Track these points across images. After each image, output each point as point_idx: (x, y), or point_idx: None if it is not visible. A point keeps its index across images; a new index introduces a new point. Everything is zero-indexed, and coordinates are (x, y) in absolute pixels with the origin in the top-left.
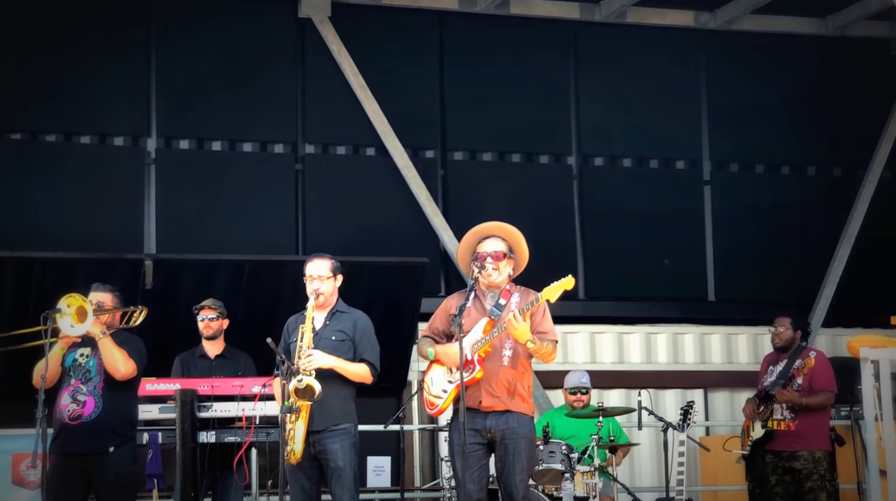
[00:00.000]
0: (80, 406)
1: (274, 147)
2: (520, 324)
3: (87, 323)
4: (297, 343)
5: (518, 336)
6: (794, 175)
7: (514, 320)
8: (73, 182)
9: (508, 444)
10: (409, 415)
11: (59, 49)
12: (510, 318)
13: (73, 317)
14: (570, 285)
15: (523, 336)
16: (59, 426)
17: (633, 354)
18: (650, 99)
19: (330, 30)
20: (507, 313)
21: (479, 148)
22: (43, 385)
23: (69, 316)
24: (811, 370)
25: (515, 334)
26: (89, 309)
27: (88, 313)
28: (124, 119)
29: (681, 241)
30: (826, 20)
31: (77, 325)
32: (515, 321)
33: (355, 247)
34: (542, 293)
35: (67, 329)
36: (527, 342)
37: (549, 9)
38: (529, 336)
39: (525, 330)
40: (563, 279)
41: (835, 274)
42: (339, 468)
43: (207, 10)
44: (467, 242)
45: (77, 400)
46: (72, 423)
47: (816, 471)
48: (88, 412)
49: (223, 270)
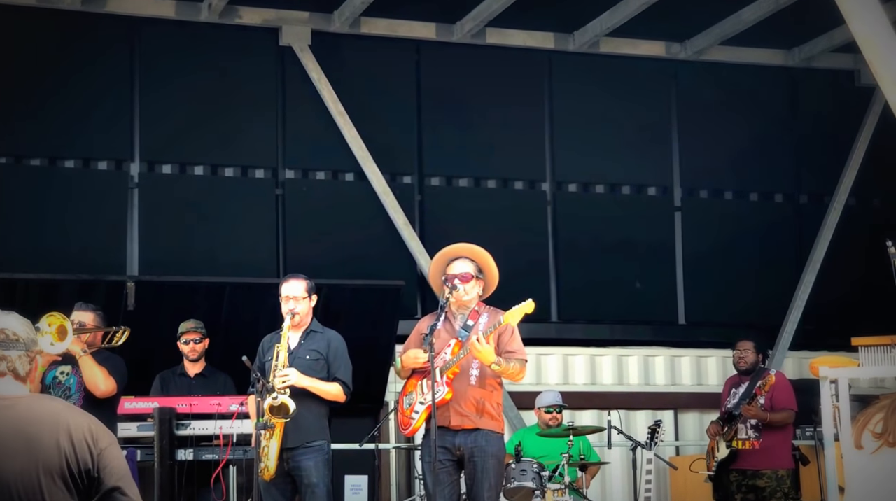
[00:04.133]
0: None
1: (255, 172)
2: (483, 347)
3: (66, 341)
4: (273, 361)
5: (482, 358)
6: (762, 201)
7: (478, 343)
8: (57, 205)
9: (477, 461)
10: (385, 434)
11: (43, 75)
12: (473, 341)
13: (53, 336)
14: (530, 309)
15: (487, 358)
16: None
17: (605, 376)
18: (622, 127)
19: (310, 58)
20: (475, 333)
21: (455, 174)
22: None
23: (49, 335)
24: (772, 388)
25: (479, 357)
26: (69, 328)
27: (69, 332)
28: (108, 144)
29: (652, 266)
30: (793, 52)
31: (57, 343)
32: (479, 344)
33: (334, 269)
34: (503, 316)
35: (47, 347)
36: (491, 364)
37: (524, 38)
38: (494, 358)
39: (489, 352)
40: (523, 303)
41: (801, 298)
42: (312, 484)
43: (191, 38)
44: (437, 264)
45: None
46: None
47: (780, 489)
48: None
49: (204, 292)
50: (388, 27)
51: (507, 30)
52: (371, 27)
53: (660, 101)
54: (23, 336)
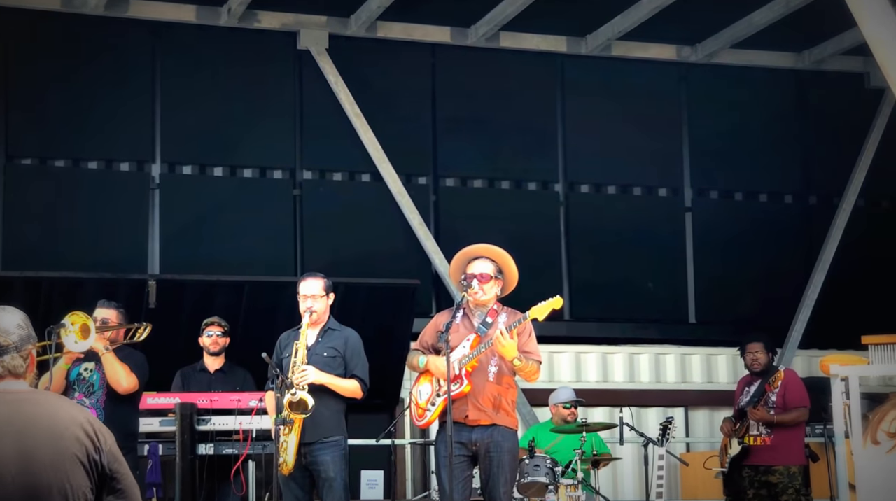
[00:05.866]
0: None
1: (273, 173)
2: (507, 341)
3: (90, 339)
4: (291, 358)
5: (505, 353)
6: (772, 202)
7: (502, 337)
8: (80, 205)
9: (493, 457)
10: (400, 430)
11: (68, 79)
12: (497, 335)
13: (76, 334)
14: (558, 305)
15: (510, 353)
16: None
17: (616, 373)
18: (634, 129)
19: (327, 61)
20: (495, 330)
21: (469, 175)
22: None
23: (73, 333)
24: (784, 387)
25: (502, 351)
26: (92, 327)
27: (91, 330)
28: (130, 146)
29: (663, 265)
30: (802, 55)
31: (80, 341)
32: (503, 337)
33: (350, 269)
34: (529, 311)
35: (71, 345)
36: (513, 359)
37: (537, 42)
38: (516, 353)
39: (512, 347)
40: (551, 299)
41: (810, 297)
42: (330, 478)
43: (211, 42)
44: (458, 262)
45: None
46: None
47: (792, 485)
48: None
49: (223, 290)
50: (404, 31)
51: (521, 34)
52: (387, 31)
53: (670, 104)
54: (14, 339)
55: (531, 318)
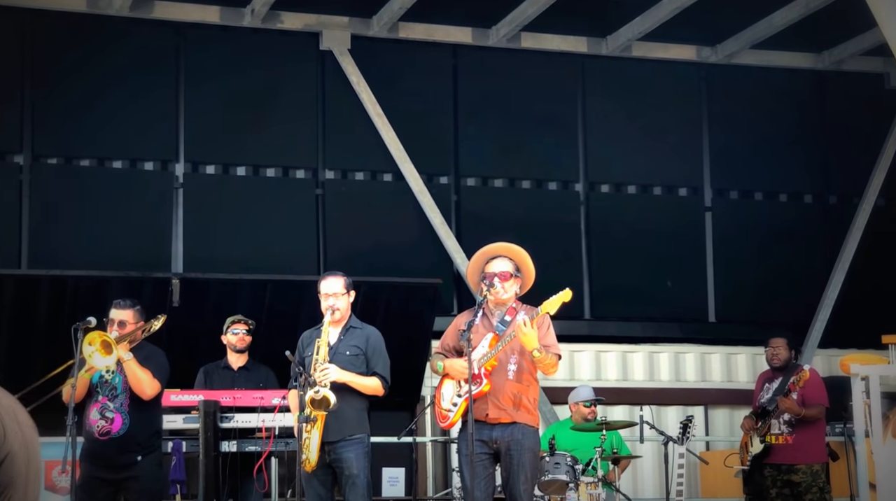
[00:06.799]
0: (108, 422)
1: (295, 173)
2: (528, 331)
3: (114, 354)
4: (313, 356)
5: (526, 342)
6: (792, 202)
7: (524, 326)
8: (105, 204)
9: (513, 454)
10: (422, 428)
11: (93, 79)
12: (519, 324)
13: (100, 352)
14: (567, 297)
15: (531, 343)
16: (89, 439)
17: (636, 372)
18: (654, 129)
19: (349, 62)
20: (512, 327)
21: (490, 174)
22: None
23: (97, 353)
24: (806, 383)
25: (524, 340)
26: (112, 341)
27: (113, 344)
28: (154, 145)
29: (683, 265)
30: (822, 55)
31: (106, 357)
32: (524, 327)
33: (372, 268)
34: (541, 306)
35: (98, 363)
36: (533, 350)
37: (557, 43)
38: (537, 344)
39: (533, 337)
40: (560, 292)
41: (830, 297)
42: (353, 475)
43: (234, 43)
44: (476, 262)
45: (105, 416)
46: (101, 438)
47: (815, 484)
48: (117, 428)
49: (246, 289)
50: (426, 32)
51: (542, 34)
52: (409, 32)
53: (691, 104)
54: None
55: (543, 312)
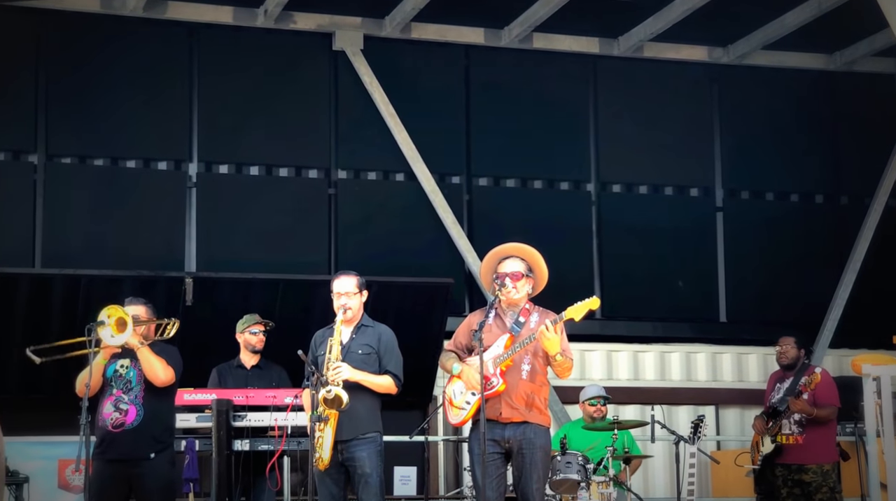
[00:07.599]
0: (122, 414)
1: (308, 172)
2: (552, 335)
3: (126, 333)
4: (326, 355)
5: (549, 347)
6: (803, 203)
7: (547, 331)
8: (118, 204)
9: (525, 454)
10: (433, 427)
11: (106, 79)
12: (543, 329)
13: (112, 328)
14: (595, 305)
15: (553, 347)
16: (102, 433)
17: (647, 371)
18: (665, 129)
19: (362, 62)
20: (528, 329)
21: (502, 174)
22: (86, 393)
23: (109, 327)
24: (817, 385)
25: (547, 345)
26: (129, 320)
27: (128, 324)
28: (167, 145)
29: (694, 265)
30: (833, 56)
31: (117, 335)
32: (548, 332)
33: (385, 267)
34: (565, 311)
35: (108, 339)
36: (556, 354)
37: (569, 43)
38: (559, 348)
39: (556, 341)
40: (587, 299)
41: (841, 297)
42: (366, 474)
43: (247, 43)
44: (488, 262)
45: (119, 408)
46: (115, 431)
47: (826, 484)
48: (131, 420)
49: (259, 288)
50: (438, 32)
51: (554, 35)
52: (421, 32)
53: (702, 105)
54: None
55: (567, 318)
